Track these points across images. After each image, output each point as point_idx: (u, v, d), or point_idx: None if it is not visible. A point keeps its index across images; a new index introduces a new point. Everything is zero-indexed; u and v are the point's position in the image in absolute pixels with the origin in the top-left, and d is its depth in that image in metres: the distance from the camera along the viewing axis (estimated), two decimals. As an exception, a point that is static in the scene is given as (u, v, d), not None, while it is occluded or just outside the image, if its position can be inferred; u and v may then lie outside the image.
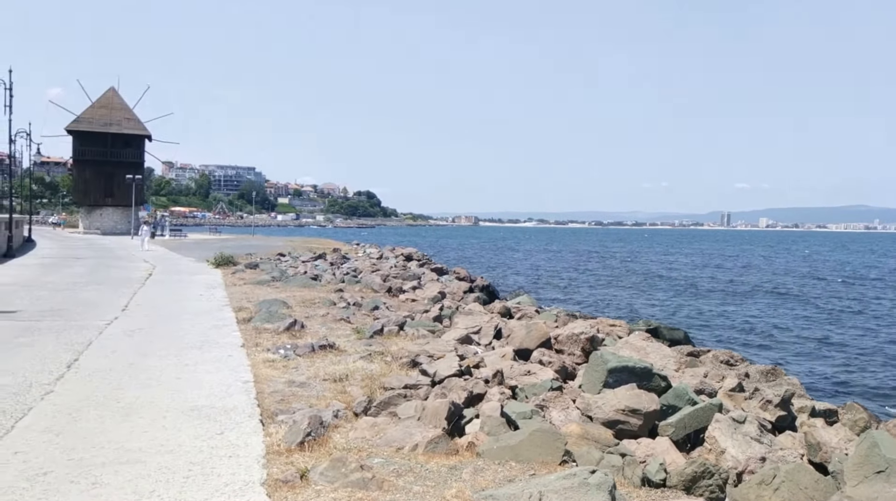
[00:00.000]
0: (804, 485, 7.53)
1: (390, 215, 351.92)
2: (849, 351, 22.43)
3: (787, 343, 24.23)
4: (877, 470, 8.93)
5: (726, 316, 30.96)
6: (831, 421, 12.77)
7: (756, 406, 12.19)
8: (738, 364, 16.31)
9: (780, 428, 11.80)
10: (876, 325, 27.78)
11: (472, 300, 22.05)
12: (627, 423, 9.08)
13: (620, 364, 10.63)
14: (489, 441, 8.22)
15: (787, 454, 9.26)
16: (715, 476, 7.34)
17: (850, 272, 54.62)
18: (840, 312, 31.71)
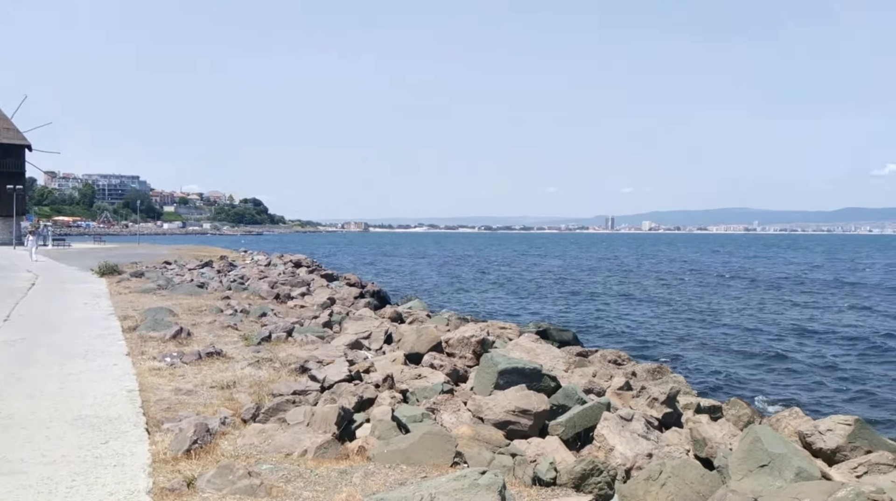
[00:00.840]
0: (690, 480, 7.62)
1: (278, 222, 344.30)
2: (731, 349, 23.71)
3: (672, 342, 25.33)
4: (760, 464, 9.25)
5: (614, 317, 32.06)
6: (716, 417, 13.28)
7: (643, 404, 12.47)
8: (625, 364, 16.76)
9: (667, 425, 12.12)
10: (756, 324, 29.58)
11: (362, 306, 21.64)
12: (518, 423, 8.97)
13: (510, 366, 10.55)
14: (380, 445, 8.03)
15: (674, 449, 9.44)
16: (603, 473, 7.30)
17: (732, 273, 58.39)
18: (722, 311, 33.61)
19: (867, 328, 28.44)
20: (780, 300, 39.58)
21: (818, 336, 26.35)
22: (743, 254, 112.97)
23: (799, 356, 22.66)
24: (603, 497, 7.40)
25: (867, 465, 10.74)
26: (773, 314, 32.96)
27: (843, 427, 11.77)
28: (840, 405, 16.63)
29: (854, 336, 26.19)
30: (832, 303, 38.15)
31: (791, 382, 19.19)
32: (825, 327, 28.69)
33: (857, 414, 13.73)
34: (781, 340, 25.73)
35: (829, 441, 11.61)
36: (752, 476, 8.69)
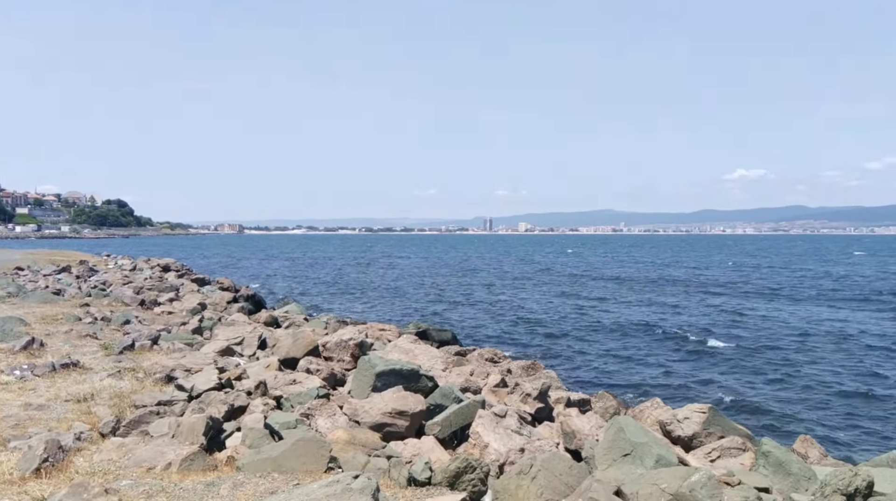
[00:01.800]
0: (559, 472, 7.89)
1: (145, 225, 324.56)
2: (598, 344, 24.89)
3: (546, 338, 26.26)
4: (623, 453, 9.72)
5: (493, 315, 32.83)
6: (585, 410, 13.86)
7: (517, 400, 12.81)
8: (501, 361, 17.15)
9: (540, 419, 12.51)
10: (616, 320, 31.21)
11: (235, 311, 20.84)
12: (395, 425, 8.93)
13: (388, 368, 10.51)
14: (250, 454, 7.75)
15: (545, 443, 9.74)
16: (477, 470, 7.40)
17: (599, 273, 61.24)
18: (588, 308, 35.18)
19: (720, 323, 30.77)
20: (641, 298, 42.01)
21: (672, 331, 28.18)
22: (600, 254, 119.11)
23: (658, 348, 24.15)
24: (477, 494, 7.50)
25: (720, 450, 11.60)
26: (632, 310, 34.96)
27: (699, 415, 12.65)
28: (695, 395, 17.85)
29: (706, 330, 28.26)
30: (682, 301, 40.94)
31: (653, 372, 20.40)
32: (681, 322, 30.76)
33: (709, 402, 14.84)
34: (640, 334, 27.33)
35: (686, 428, 12.43)
36: (617, 465, 9.14)
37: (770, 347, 24.36)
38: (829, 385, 18.61)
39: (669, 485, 7.43)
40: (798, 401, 17.09)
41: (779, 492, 9.13)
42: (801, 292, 44.28)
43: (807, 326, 29.22)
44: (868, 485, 7.57)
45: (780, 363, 21.58)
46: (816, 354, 23.06)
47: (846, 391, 18.00)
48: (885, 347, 24.17)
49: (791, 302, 38.68)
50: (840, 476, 7.54)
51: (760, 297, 41.54)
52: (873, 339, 25.79)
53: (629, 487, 7.80)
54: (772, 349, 23.93)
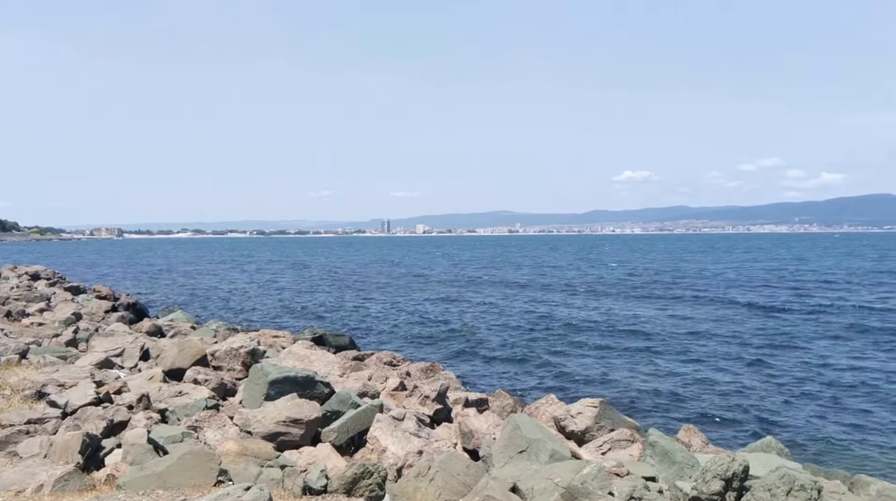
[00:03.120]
0: (456, 472, 7.90)
1: (11, 230, 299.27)
2: (496, 345, 25.25)
3: (445, 340, 26.38)
4: (519, 450, 9.87)
5: (393, 318, 32.69)
6: (483, 409, 14.01)
7: (416, 403, 12.76)
8: (400, 364, 17.07)
9: (438, 421, 12.52)
10: (508, 320, 31.86)
11: (115, 320, 19.63)
12: (289, 434, 8.65)
13: (282, 375, 10.19)
14: (132, 471, 7.29)
15: (443, 444, 9.74)
16: (374, 475, 7.28)
17: (495, 275, 62.29)
18: (488, 310, 35.72)
19: (604, 319, 32.08)
20: (536, 298, 43.13)
21: (568, 329, 29.12)
22: (497, 254, 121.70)
23: (554, 346, 24.84)
24: (375, 499, 7.37)
25: (610, 442, 12.01)
26: (528, 310, 35.84)
27: (591, 410, 13.05)
28: (589, 390, 18.44)
29: (593, 327, 29.37)
30: (575, 301, 42.41)
31: (549, 370, 20.95)
32: (575, 320, 31.83)
33: (602, 396, 15.37)
34: (535, 333, 28.03)
35: (579, 423, 12.80)
36: (513, 462, 9.27)
37: (655, 342, 25.56)
38: (709, 378, 19.72)
39: (563, 479, 7.60)
40: (682, 392, 18.00)
41: (665, 480, 9.55)
42: (686, 292, 46.79)
43: (690, 323, 30.90)
44: (744, 470, 8.02)
45: (665, 358, 22.67)
46: (699, 348, 24.40)
47: (725, 381, 19.14)
48: (757, 340, 25.91)
49: (675, 301, 40.79)
50: (719, 463, 7.95)
51: (648, 298, 43.56)
52: (748, 334, 27.60)
53: (525, 483, 7.92)
54: (658, 344, 25.12)
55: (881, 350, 22.99)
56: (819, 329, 27.65)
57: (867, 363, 21.00)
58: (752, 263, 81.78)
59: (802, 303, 36.88)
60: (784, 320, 30.73)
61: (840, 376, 19.40)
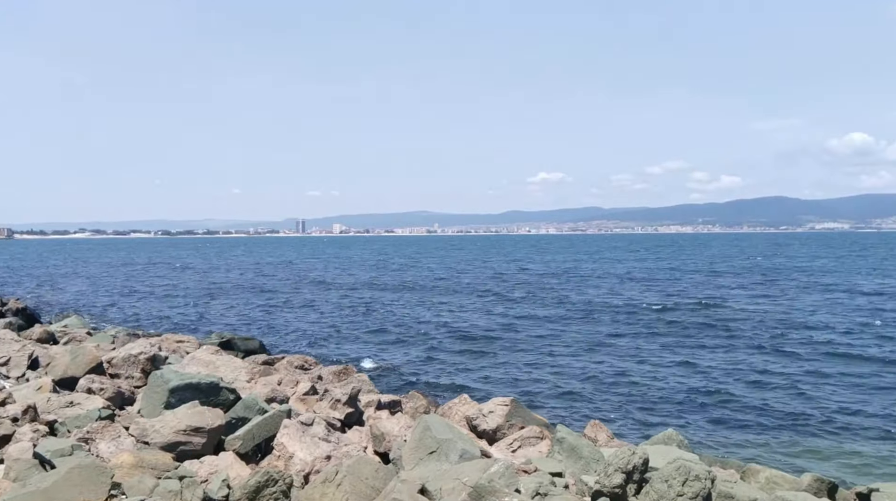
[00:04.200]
0: (365, 476, 7.80)
1: None
2: (409, 345, 25.20)
3: (360, 342, 26.09)
4: (430, 451, 9.85)
5: (304, 321, 32.07)
6: (396, 411, 13.94)
7: (327, 407, 12.55)
8: (312, 368, 16.74)
9: (350, 424, 12.35)
10: (436, 322, 31.87)
11: (1, 327, 18.35)
12: (190, 443, 8.32)
13: (184, 382, 9.80)
14: (15, 488, 6.81)
15: (352, 448, 9.60)
16: (279, 482, 7.09)
17: (407, 277, 62.15)
18: (404, 312, 35.60)
19: (513, 320, 32.65)
20: (450, 301, 43.42)
21: (481, 330, 29.45)
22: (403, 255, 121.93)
23: (469, 346, 25.06)
24: (279, 508, 7.19)
25: (520, 440, 12.20)
26: (443, 311, 36.05)
27: (502, 408, 13.22)
28: (501, 388, 18.67)
29: (505, 327, 29.86)
30: (477, 301, 42.96)
31: (464, 369, 21.10)
32: (481, 320, 32.24)
33: (514, 394, 15.59)
34: (451, 335, 28.20)
35: (490, 421, 12.94)
36: (423, 463, 9.25)
37: (564, 341, 26.19)
38: (615, 373, 20.36)
39: (470, 478, 7.64)
40: (590, 388, 18.50)
41: (571, 475, 9.76)
42: (593, 292, 48.18)
43: (597, 321, 31.85)
44: (644, 462, 8.29)
45: (573, 356, 23.25)
46: (605, 345, 25.17)
47: (631, 377, 19.80)
48: (659, 337, 26.97)
49: (580, 301, 41.94)
50: (620, 456, 8.19)
51: (555, 299, 44.56)
52: (651, 330, 28.68)
53: (433, 484, 7.92)
54: (566, 342, 25.75)
55: (776, 346, 24.35)
56: (713, 325, 29.02)
57: (761, 358, 22.20)
58: (655, 262, 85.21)
59: (700, 300, 38.65)
60: (682, 317, 32.11)
61: (737, 369, 20.41)
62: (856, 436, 14.03)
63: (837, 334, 26.17)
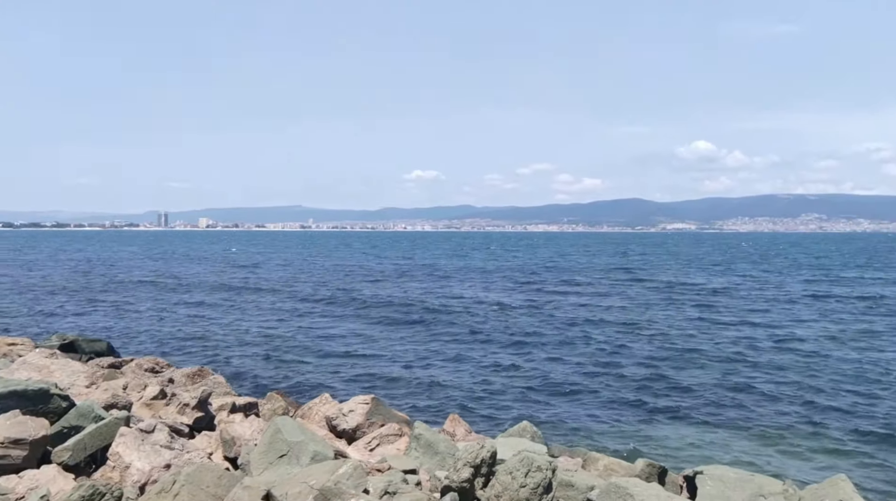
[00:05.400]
0: (206, 484, 7.47)
1: None
2: (276, 345, 24.44)
3: (220, 342, 24.98)
4: (280, 454, 9.58)
5: (161, 320, 30.34)
6: (252, 414, 13.49)
7: (174, 412, 11.92)
8: (164, 370, 15.85)
9: (199, 429, 11.79)
10: (299, 322, 31.19)
11: None
12: (8, 456, 7.61)
13: (7, 389, 8.96)
14: None
15: (196, 455, 9.18)
16: (107, 495, 6.64)
17: (272, 274, 60.31)
18: (270, 311, 34.54)
19: (376, 316, 32.74)
20: (307, 297, 42.75)
21: (339, 328, 29.23)
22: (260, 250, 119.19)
23: (332, 345, 24.75)
24: (107, 522, 6.74)
25: (379, 438, 12.19)
26: (305, 312, 35.46)
27: (363, 406, 13.15)
28: (367, 385, 18.58)
29: (369, 323, 29.86)
30: (336, 300, 42.73)
31: (327, 369, 20.80)
32: (345, 316, 32.04)
33: (375, 393, 15.56)
34: (313, 333, 27.78)
35: (350, 421, 12.83)
36: (273, 467, 8.99)
37: (428, 335, 26.53)
38: (477, 366, 20.86)
39: (318, 481, 7.52)
40: (452, 383, 18.83)
41: (427, 471, 9.87)
42: (457, 286, 49.13)
43: (459, 315, 32.50)
44: (492, 455, 8.51)
45: (437, 350, 23.60)
46: (466, 339, 25.72)
47: (491, 370, 20.36)
48: (518, 331, 27.94)
49: (445, 296, 42.68)
50: (469, 450, 8.36)
51: (419, 293, 45.01)
52: (511, 324, 29.65)
53: (280, 488, 7.71)
54: (429, 336, 26.09)
55: (617, 340, 25.89)
56: (576, 323, 30.47)
57: (617, 348, 23.53)
58: (510, 260, 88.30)
59: (548, 301, 40.44)
60: (541, 310, 33.47)
61: (594, 359, 21.51)
62: (686, 422, 15.19)
63: (673, 328, 28.24)
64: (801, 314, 32.51)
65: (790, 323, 29.27)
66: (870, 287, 46.37)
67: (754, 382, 18.52)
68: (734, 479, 9.13)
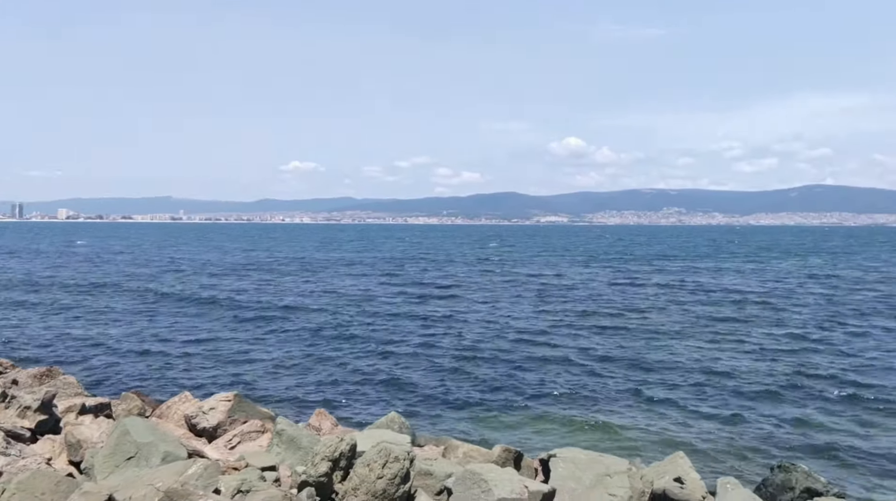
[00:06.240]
0: (41, 491, 6.99)
1: None
2: (141, 341, 23.04)
3: (74, 341, 23.19)
4: (127, 457, 9.09)
5: (7, 318, 27.86)
6: (104, 415, 12.73)
7: (13, 415, 11.06)
8: (8, 371, 14.69)
9: (43, 432, 11.02)
10: (156, 318, 29.62)
11: None
12: None
13: None
14: None
15: (32, 461, 8.57)
16: (-80, 510, 6.08)
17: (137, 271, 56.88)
18: (129, 311, 32.48)
19: (237, 310, 31.88)
20: (168, 295, 40.97)
21: (202, 324, 28.21)
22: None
23: (202, 344, 23.80)
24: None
25: (241, 435, 11.88)
26: (169, 307, 33.89)
27: (224, 404, 12.76)
28: (226, 381, 18.03)
29: (233, 319, 29.01)
30: (199, 297, 41.38)
31: (192, 366, 19.97)
32: (205, 316, 30.99)
33: (238, 389, 15.16)
34: (175, 329, 26.64)
35: (211, 418, 12.42)
36: (120, 470, 8.55)
37: (289, 333, 26.12)
38: (349, 357, 20.80)
39: (165, 482, 7.23)
40: (323, 376, 18.67)
41: (289, 467, 9.74)
42: (321, 277, 48.67)
43: (324, 310, 32.25)
44: (351, 448, 8.54)
45: (303, 344, 23.28)
46: (331, 331, 25.54)
47: (360, 361, 20.35)
48: (381, 319, 28.13)
49: (306, 289, 42.22)
50: (327, 444, 8.35)
51: (288, 285, 44.24)
52: (373, 314, 29.79)
53: (123, 492, 7.35)
54: (292, 328, 25.71)
55: (491, 330, 26.68)
56: (437, 313, 31.04)
57: (478, 341, 24.18)
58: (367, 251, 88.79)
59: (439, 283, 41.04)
60: (408, 303, 33.86)
61: (460, 352, 21.98)
62: (548, 407, 15.92)
63: (526, 320, 29.44)
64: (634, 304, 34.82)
65: (631, 315, 31.27)
66: (690, 275, 50.33)
67: (602, 371, 19.67)
68: (585, 460, 9.67)
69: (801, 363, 20.05)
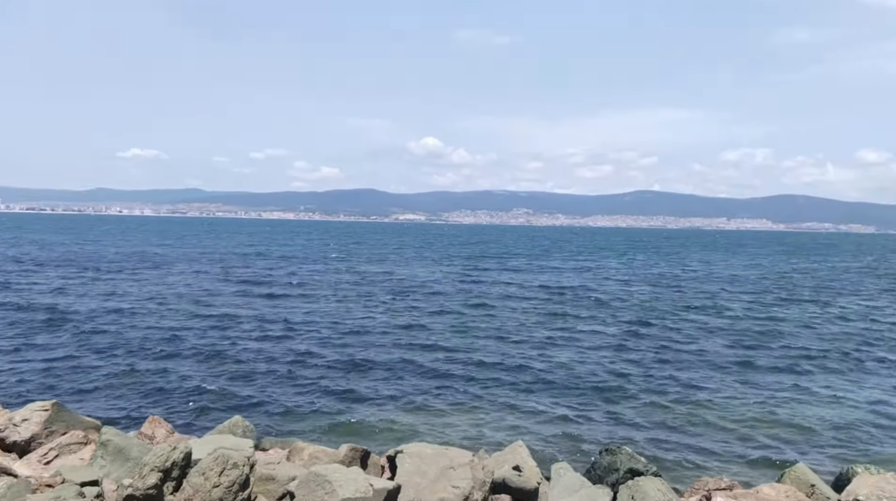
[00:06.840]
0: None
1: None
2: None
3: None
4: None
5: None
6: None
7: None
8: None
9: None
10: None
11: None
12: None
13: None
14: None
15: None
16: None
17: None
18: None
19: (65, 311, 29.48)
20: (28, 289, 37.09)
21: (52, 319, 25.73)
22: None
23: (20, 347, 21.56)
24: None
25: (58, 448, 10.77)
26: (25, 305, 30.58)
27: (40, 414, 11.53)
28: (42, 391, 16.44)
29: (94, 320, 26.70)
30: (58, 290, 38.04)
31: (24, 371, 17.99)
32: (65, 309, 28.33)
33: (57, 397, 13.79)
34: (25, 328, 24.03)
35: (24, 431, 11.16)
36: None
37: (129, 327, 24.44)
38: (184, 358, 19.66)
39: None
40: (153, 379, 17.48)
41: (114, 480, 8.96)
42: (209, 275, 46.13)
43: (201, 306, 30.51)
44: (185, 457, 8.01)
45: (136, 344, 21.76)
46: (162, 329, 24.16)
47: (199, 362, 19.32)
48: (258, 319, 27.06)
49: (186, 290, 39.87)
50: (158, 454, 7.78)
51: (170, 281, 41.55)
52: (254, 312, 28.59)
53: None
54: (130, 329, 24.04)
55: (334, 328, 26.38)
56: (278, 310, 30.33)
57: (325, 338, 23.80)
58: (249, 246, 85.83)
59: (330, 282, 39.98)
60: (246, 298, 32.84)
61: (306, 349, 21.49)
62: (398, 403, 15.93)
63: (368, 317, 29.58)
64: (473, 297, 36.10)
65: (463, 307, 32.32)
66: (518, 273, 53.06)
67: (451, 367, 20.08)
68: (430, 454, 9.70)
69: (625, 359, 21.64)
